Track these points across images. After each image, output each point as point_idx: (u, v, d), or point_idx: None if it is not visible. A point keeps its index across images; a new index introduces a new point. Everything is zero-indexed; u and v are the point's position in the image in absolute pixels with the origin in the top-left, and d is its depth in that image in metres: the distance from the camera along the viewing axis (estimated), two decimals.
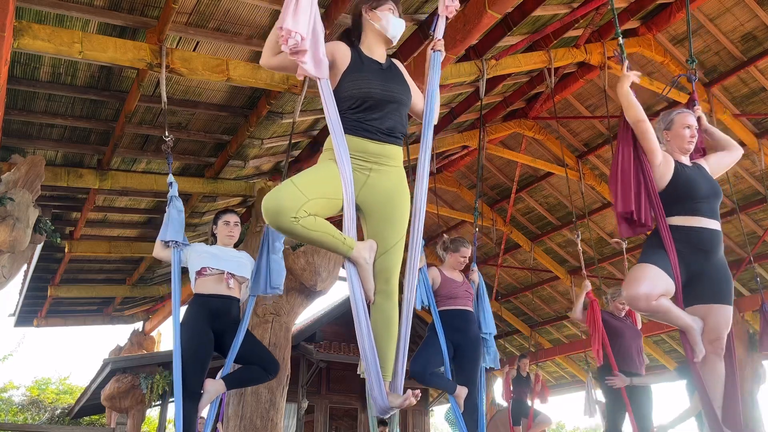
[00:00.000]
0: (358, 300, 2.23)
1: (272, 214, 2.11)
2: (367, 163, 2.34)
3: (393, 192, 2.37)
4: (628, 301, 2.84)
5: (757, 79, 7.58)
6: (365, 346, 2.20)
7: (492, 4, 4.44)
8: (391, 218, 2.35)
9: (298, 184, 2.17)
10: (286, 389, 6.51)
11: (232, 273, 3.93)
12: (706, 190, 2.96)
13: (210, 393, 3.80)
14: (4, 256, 5.25)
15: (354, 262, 2.26)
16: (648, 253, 2.89)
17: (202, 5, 4.76)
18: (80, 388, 14.82)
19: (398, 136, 2.43)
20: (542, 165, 9.34)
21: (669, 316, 2.81)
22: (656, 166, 2.96)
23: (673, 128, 3.09)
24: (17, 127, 6.05)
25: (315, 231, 2.17)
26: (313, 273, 6.51)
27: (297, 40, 2.22)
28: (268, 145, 6.87)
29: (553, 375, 14.56)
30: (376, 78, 2.40)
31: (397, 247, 2.36)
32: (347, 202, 2.25)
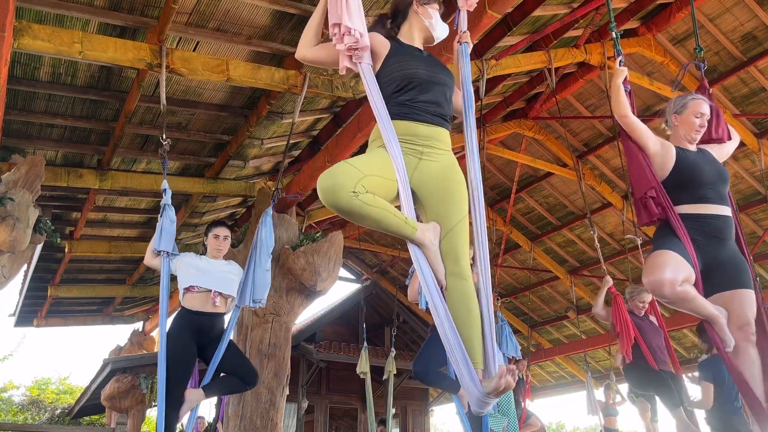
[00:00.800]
0: (431, 285, 2.11)
1: (329, 191, 2.01)
2: (417, 146, 2.27)
3: (448, 173, 2.30)
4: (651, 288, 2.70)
5: (757, 79, 7.58)
6: (447, 333, 2.05)
7: (492, 4, 4.44)
8: (449, 198, 2.26)
9: (351, 162, 2.10)
10: (286, 389, 6.51)
11: (219, 292, 4.02)
12: (712, 175, 2.85)
13: (190, 401, 3.93)
14: (4, 256, 5.25)
15: (419, 244, 2.15)
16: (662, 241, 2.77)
17: (202, 5, 4.76)
18: (80, 388, 14.82)
19: (445, 117, 2.38)
20: (542, 165, 9.34)
21: (693, 304, 2.68)
22: (653, 156, 2.88)
23: (684, 113, 2.97)
24: (17, 127, 6.05)
25: (376, 207, 2.06)
26: (313, 273, 6.50)
27: (357, 37, 2.24)
28: (268, 145, 6.87)
29: (553, 375, 14.55)
30: (420, 60, 2.39)
31: (460, 226, 2.24)
32: (402, 185, 2.17)
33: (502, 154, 9.21)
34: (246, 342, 6.46)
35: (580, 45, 7.00)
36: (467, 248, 2.25)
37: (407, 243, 2.19)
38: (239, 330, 6.59)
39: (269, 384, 6.28)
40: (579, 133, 9.23)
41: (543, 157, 9.51)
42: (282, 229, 6.83)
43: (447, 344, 2.05)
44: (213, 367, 4.01)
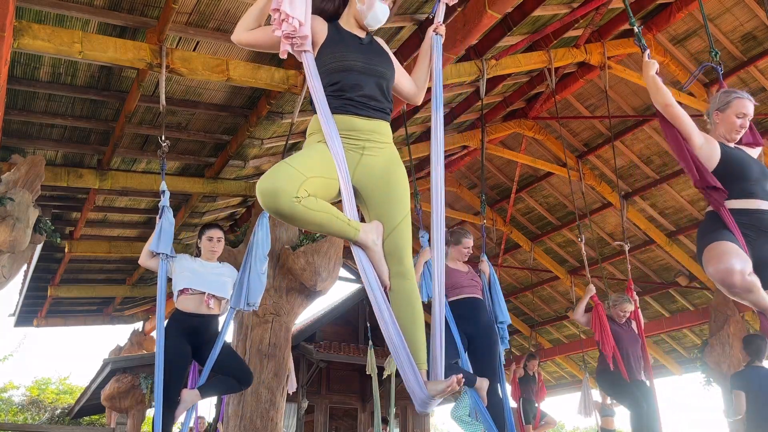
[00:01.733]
0: (374, 287, 2.07)
1: (270, 196, 1.93)
2: (358, 141, 2.20)
3: (389, 168, 2.24)
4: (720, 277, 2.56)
5: (756, 79, 7.58)
6: (391, 335, 2.02)
7: (492, 4, 4.44)
8: (392, 195, 2.21)
9: (292, 163, 2.02)
10: (286, 389, 6.51)
11: (212, 294, 4.05)
12: (758, 171, 2.80)
13: (186, 402, 3.97)
14: (4, 256, 5.25)
15: (362, 246, 2.10)
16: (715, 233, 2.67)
17: (202, 5, 4.76)
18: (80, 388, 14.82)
19: (385, 110, 2.29)
20: (542, 165, 9.34)
21: (758, 295, 2.56)
22: (698, 149, 2.78)
23: (727, 111, 2.87)
24: (17, 127, 6.05)
25: (318, 212, 2.00)
26: (313, 273, 6.50)
27: (295, 26, 2.16)
28: (268, 145, 6.87)
29: (553, 375, 14.55)
30: (356, 51, 2.28)
31: (403, 224, 2.19)
32: (344, 183, 2.10)
33: (502, 154, 9.21)
34: (246, 342, 6.46)
35: (580, 45, 7.00)
36: (410, 247, 2.21)
37: (350, 245, 2.14)
38: (239, 330, 6.59)
39: (269, 384, 6.28)
40: (579, 133, 9.23)
41: (543, 157, 9.52)
42: (282, 229, 6.83)
43: (391, 345, 2.03)
44: (208, 368, 4.04)
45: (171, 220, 4.09)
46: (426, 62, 2.47)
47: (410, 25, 5.50)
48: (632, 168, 9.30)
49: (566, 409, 58.23)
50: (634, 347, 5.29)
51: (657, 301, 11.27)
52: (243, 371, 4.18)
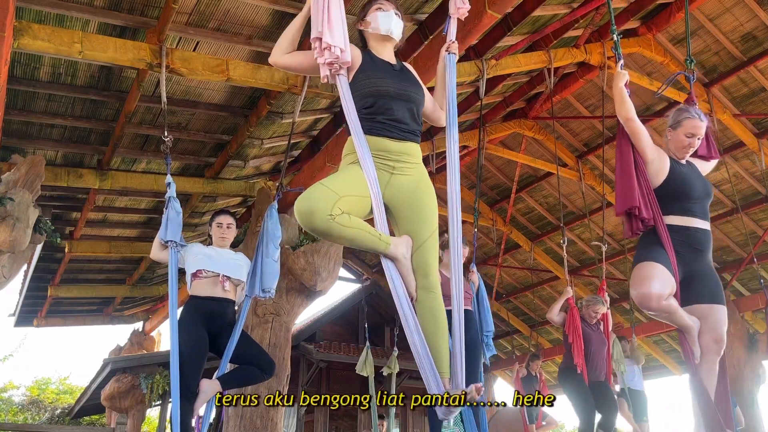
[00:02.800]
0: (402, 298, 2.20)
1: (307, 215, 2.09)
2: (389, 162, 2.33)
3: (418, 187, 2.37)
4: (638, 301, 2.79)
5: (757, 79, 7.58)
6: (416, 344, 2.15)
7: (492, 4, 4.44)
8: (420, 213, 2.34)
9: (327, 184, 2.17)
10: (286, 389, 6.51)
11: (227, 275, 3.97)
12: (700, 190, 2.93)
13: (206, 393, 3.81)
14: (4, 256, 5.25)
15: (392, 259, 2.24)
16: (647, 252, 2.84)
17: (202, 5, 4.76)
18: (80, 388, 14.82)
19: (415, 132, 2.43)
20: (542, 165, 9.34)
21: (674, 316, 2.79)
22: (649, 163, 2.92)
23: (678, 130, 3.00)
24: (17, 127, 6.05)
25: (352, 228, 2.15)
26: (313, 273, 6.50)
27: (337, 54, 2.28)
28: (268, 145, 6.87)
29: (553, 375, 14.54)
30: (389, 77, 2.40)
31: (430, 240, 2.33)
32: (375, 200, 2.24)
33: (502, 154, 9.21)
34: None
35: (580, 45, 7.00)
36: (437, 263, 2.35)
37: (381, 257, 2.28)
38: None
39: (269, 384, 6.27)
40: (579, 133, 9.23)
41: (543, 157, 9.52)
42: (282, 229, 6.80)
43: (415, 353, 2.15)
44: (227, 357, 3.91)
45: (178, 209, 4.05)
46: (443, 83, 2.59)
47: (410, 25, 5.51)
48: None
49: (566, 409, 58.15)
50: (600, 349, 5.52)
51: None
52: (265, 359, 4.04)
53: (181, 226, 4.05)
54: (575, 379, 5.33)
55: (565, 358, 5.49)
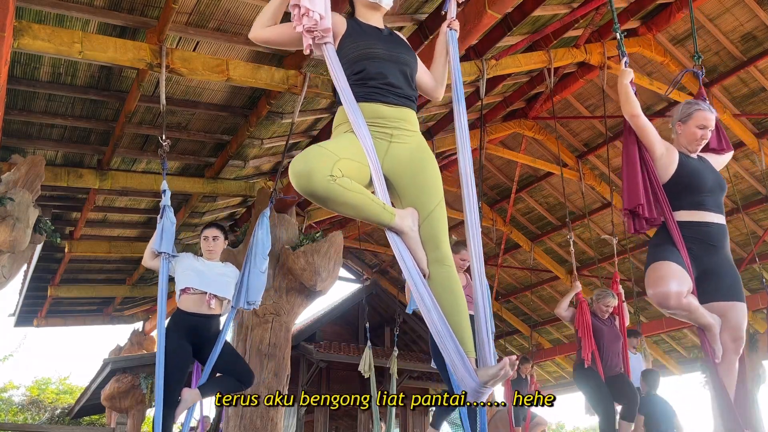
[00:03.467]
0: (414, 275, 2.01)
1: (305, 176, 1.90)
2: (385, 129, 2.19)
3: (419, 155, 2.22)
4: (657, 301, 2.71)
5: (757, 79, 7.57)
6: (435, 322, 1.95)
7: (492, 4, 4.44)
8: (423, 182, 2.18)
9: (324, 146, 2.01)
10: (286, 389, 6.51)
11: (214, 294, 4.05)
12: (712, 182, 2.86)
13: (186, 401, 3.96)
14: (4, 256, 5.25)
15: (399, 232, 2.07)
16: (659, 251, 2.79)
17: (202, 5, 4.76)
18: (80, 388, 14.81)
19: (410, 98, 2.29)
20: (542, 165, 9.34)
21: (694, 315, 2.71)
22: (658, 159, 2.87)
23: (688, 123, 2.95)
24: (17, 127, 6.05)
25: (355, 192, 1.97)
26: (313, 273, 6.50)
27: (316, 19, 2.17)
28: (268, 145, 6.87)
29: (553, 375, 14.56)
30: (378, 40, 2.29)
31: (437, 210, 2.16)
32: (375, 170, 2.09)
33: (502, 154, 9.21)
34: (246, 342, 6.46)
35: (580, 45, 7.00)
36: (446, 232, 2.17)
37: (386, 231, 2.10)
38: (239, 330, 6.59)
39: (269, 384, 6.28)
40: (579, 133, 9.23)
41: (543, 157, 9.51)
42: (282, 229, 6.83)
43: (437, 335, 1.95)
44: (209, 367, 4.04)
45: (172, 219, 4.11)
46: (442, 58, 2.47)
47: (410, 25, 5.50)
48: None
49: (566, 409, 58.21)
50: (614, 344, 5.38)
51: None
52: (244, 371, 4.19)
53: (174, 236, 4.11)
54: (589, 375, 5.19)
55: (579, 355, 5.37)
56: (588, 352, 5.13)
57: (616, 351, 5.35)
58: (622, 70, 2.97)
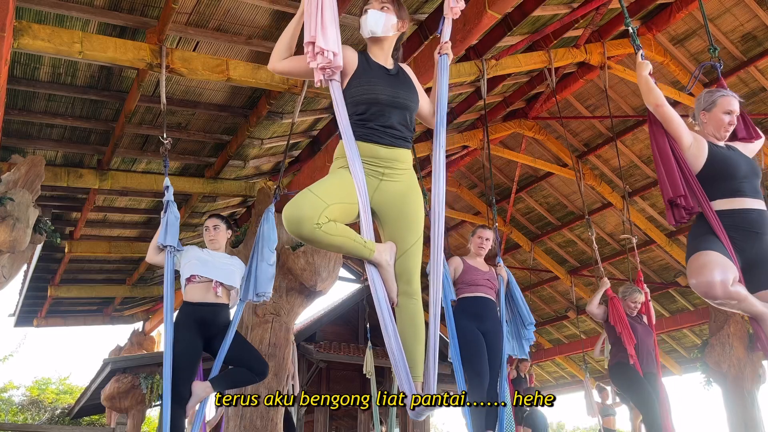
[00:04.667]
0: (382, 302, 2.23)
1: (294, 224, 2.13)
2: (378, 168, 2.35)
3: (406, 193, 2.40)
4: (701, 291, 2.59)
5: (757, 79, 7.57)
6: (393, 348, 2.20)
7: (492, 4, 4.44)
8: (406, 219, 2.38)
9: (315, 192, 2.20)
10: (286, 389, 6.51)
11: (220, 281, 4.01)
12: (746, 168, 2.78)
13: (197, 395, 3.88)
14: (4, 256, 5.25)
15: (376, 265, 2.28)
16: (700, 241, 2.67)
17: (202, 5, 4.76)
18: (80, 388, 14.82)
19: (407, 139, 2.44)
20: (542, 165, 9.34)
21: (744, 303, 2.58)
22: (686, 149, 2.79)
23: (713, 110, 2.89)
24: (17, 127, 6.05)
25: (337, 236, 2.19)
26: (313, 273, 6.50)
27: (330, 58, 2.29)
28: (268, 145, 6.87)
29: (553, 375, 14.56)
30: (383, 83, 2.40)
31: (415, 247, 2.37)
32: (363, 207, 2.27)
33: (502, 154, 9.21)
34: None
35: (580, 45, 7.00)
36: (419, 269, 2.38)
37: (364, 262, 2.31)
38: (239, 330, 6.58)
39: (269, 384, 6.27)
40: (579, 133, 9.23)
41: (543, 157, 9.52)
42: (282, 229, 6.78)
43: (391, 356, 2.21)
44: (220, 359, 3.96)
45: (176, 213, 4.11)
46: None
47: (410, 25, 5.50)
48: (632, 168, 9.30)
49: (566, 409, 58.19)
50: (647, 340, 5.23)
51: (657, 301, 11.26)
52: (257, 361, 4.08)
53: (179, 230, 4.11)
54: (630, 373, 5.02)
55: (615, 353, 5.19)
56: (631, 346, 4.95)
57: (649, 347, 5.19)
58: (640, 62, 2.93)
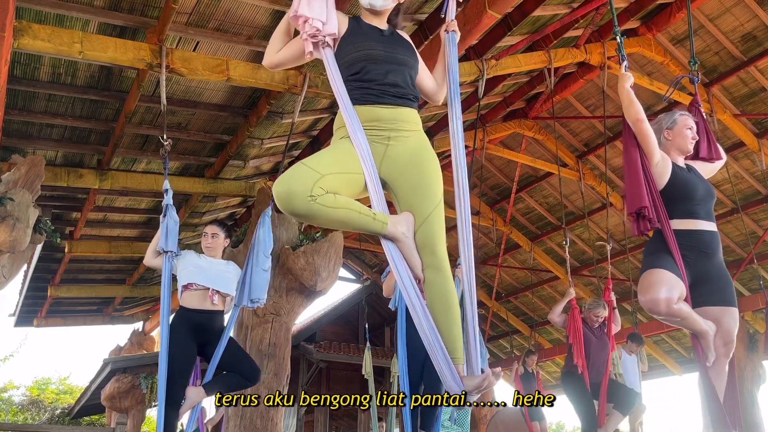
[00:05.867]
0: (406, 281, 2.00)
1: (285, 198, 1.92)
2: (383, 131, 2.15)
3: (418, 156, 2.17)
4: (647, 307, 2.76)
5: (757, 79, 7.58)
6: (425, 329, 1.96)
7: (492, 4, 4.44)
8: (421, 184, 2.13)
9: (307, 163, 2.00)
10: (286, 389, 6.51)
11: (216, 290, 4.04)
12: (703, 192, 2.94)
13: (191, 400, 3.92)
14: (4, 256, 5.25)
15: (392, 239, 2.04)
16: (654, 258, 2.84)
17: (202, 5, 4.76)
18: (80, 388, 14.82)
19: (410, 97, 2.24)
20: (542, 165, 9.34)
21: (687, 321, 2.77)
22: (654, 166, 2.92)
23: (676, 128, 3.06)
24: (17, 127, 6.05)
25: (338, 208, 1.96)
26: (313, 273, 6.50)
27: (317, 26, 2.17)
28: (268, 145, 6.87)
29: (553, 375, 14.55)
30: (376, 41, 2.25)
31: (435, 213, 2.11)
32: (369, 176, 2.05)
33: (502, 154, 9.21)
34: (246, 342, 6.46)
35: (580, 45, 7.00)
36: (443, 237, 2.12)
37: (380, 239, 2.08)
38: (239, 330, 6.59)
39: (269, 384, 6.28)
40: (579, 133, 9.23)
41: (543, 157, 9.51)
42: (282, 229, 6.83)
43: (426, 341, 1.96)
44: (213, 364, 4.00)
45: (176, 218, 4.12)
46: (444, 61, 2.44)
47: (410, 25, 5.50)
48: None
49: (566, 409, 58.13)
50: (600, 353, 5.47)
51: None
52: (250, 367, 4.12)
53: (178, 234, 4.12)
54: (576, 382, 5.31)
55: (567, 361, 5.50)
56: (580, 358, 5.26)
57: (602, 360, 5.46)
58: (622, 74, 3.00)
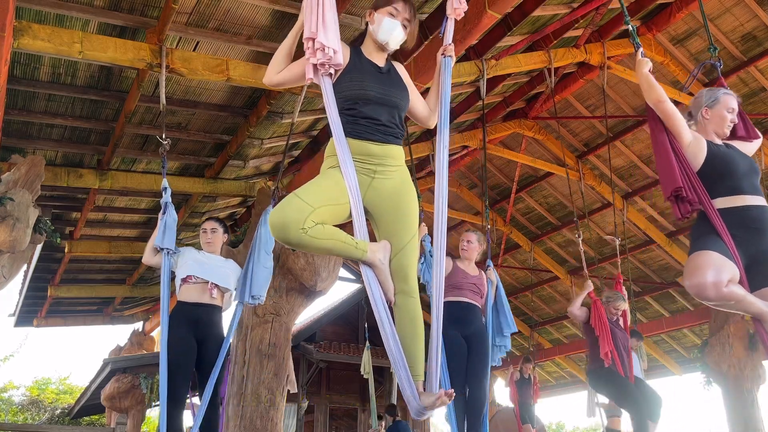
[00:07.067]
0: (378, 302, 2.21)
1: (279, 229, 2.10)
2: (371, 165, 2.32)
3: (399, 191, 2.36)
4: (694, 292, 2.55)
5: (757, 79, 7.57)
6: (392, 348, 2.17)
7: (492, 4, 4.44)
8: (400, 217, 2.34)
9: (301, 196, 2.16)
10: (286, 389, 6.51)
11: (215, 284, 4.05)
12: (744, 166, 2.77)
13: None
14: (4, 256, 5.25)
15: (370, 265, 2.24)
16: (700, 241, 2.64)
17: (202, 5, 4.76)
18: (80, 388, 14.82)
19: (398, 135, 2.40)
20: (542, 165, 9.34)
21: (742, 304, 2.54)
22: (686, 147, 2.78)
23: (716, 108, 2.90)
24: (17, 127, 6.05)
25: (325, 239, 2.15)
26: (313, 273, 6.50)
27: (330, 55, 2.28)
28: (268, 145, 6.87)
29: (553, 375, 14.56)
30: (373, 80, 2.37)
31: (410, 244, 2.33)
32: (354, 206, 2.23)
33: (502, 154, 9.21)
34: (246, 342, 6.45)
35: (580, 45, 7.00)
36: (416, 266, 2.35)
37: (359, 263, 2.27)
38: (239, 330, 6.59)
39: (269, 384, 6.27)
40: (579, 133, 9.23)
41: (543, 157, 9.51)
42: None
43: (390, 357, 2.18)
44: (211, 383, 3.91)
45: (174, 216, 4.13)
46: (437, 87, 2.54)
47: None
48: (632, 168, 9.30)
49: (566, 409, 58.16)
50: (625, 344, 5.34)
51: (657, 301, 11.27)
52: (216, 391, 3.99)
53: (176, 232, 4.13)
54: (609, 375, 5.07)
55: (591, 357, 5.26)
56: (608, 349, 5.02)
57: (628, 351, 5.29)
58: (640, 60, 2.90)
